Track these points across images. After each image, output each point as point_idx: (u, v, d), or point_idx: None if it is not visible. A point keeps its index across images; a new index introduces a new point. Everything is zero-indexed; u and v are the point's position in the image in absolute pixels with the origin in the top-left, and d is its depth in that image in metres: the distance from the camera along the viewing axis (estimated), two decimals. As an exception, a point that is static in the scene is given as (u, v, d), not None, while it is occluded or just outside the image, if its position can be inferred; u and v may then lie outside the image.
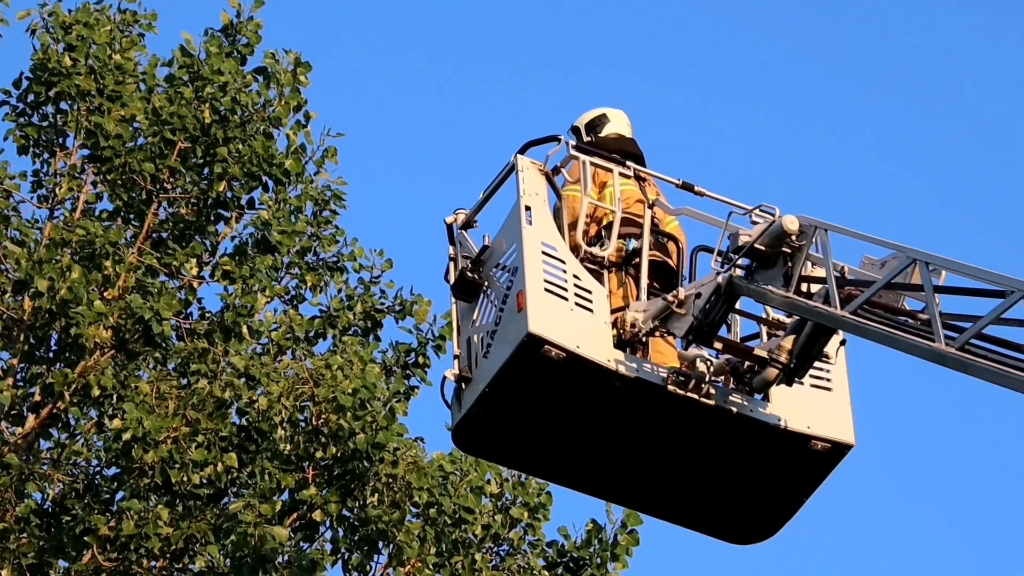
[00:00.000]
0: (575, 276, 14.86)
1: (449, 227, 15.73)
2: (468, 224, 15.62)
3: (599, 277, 15.14)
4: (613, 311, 14.98)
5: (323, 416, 20.48)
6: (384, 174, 42.31)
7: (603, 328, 14.80)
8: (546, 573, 21.21)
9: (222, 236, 22.06)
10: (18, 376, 20.81)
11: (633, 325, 14.95)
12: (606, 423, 15.06)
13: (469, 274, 15.28)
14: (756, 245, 14.66)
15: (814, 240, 14.55)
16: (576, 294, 14.81)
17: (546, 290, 14.65)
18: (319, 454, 20.55)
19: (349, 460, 20.47)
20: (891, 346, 13.84)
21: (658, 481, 15.46)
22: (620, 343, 14.86)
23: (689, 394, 14.80)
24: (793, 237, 14.55)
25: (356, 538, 20.83)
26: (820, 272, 14.59)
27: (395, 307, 22.14)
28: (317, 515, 20.60)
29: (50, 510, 20.43)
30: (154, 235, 21.76)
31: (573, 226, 15.30)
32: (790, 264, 14.58)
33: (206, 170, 21.73)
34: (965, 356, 13.21)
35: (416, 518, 20.76)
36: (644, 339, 15.00)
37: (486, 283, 15.22)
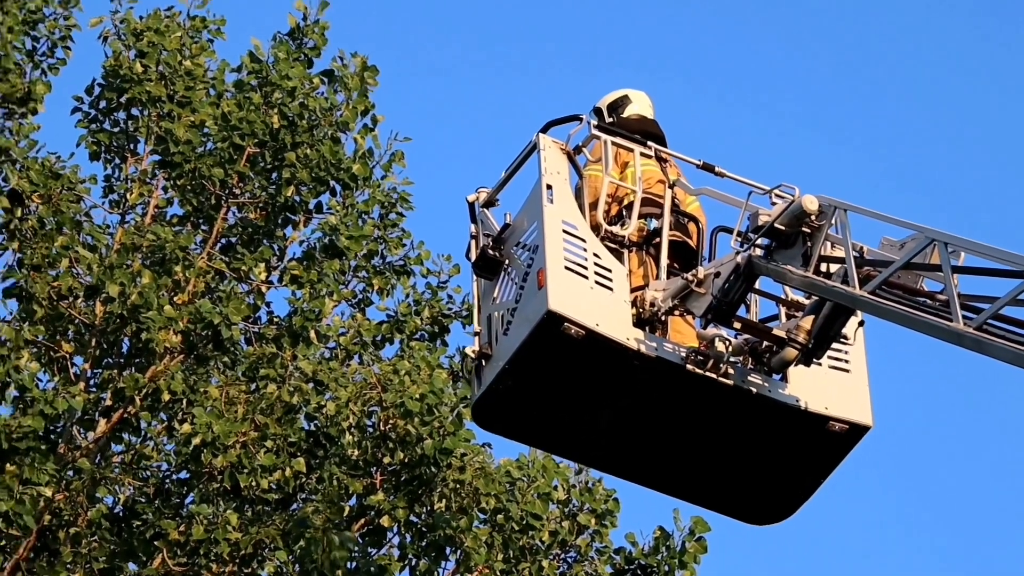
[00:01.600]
0: (595, 255, 14.72)
1: (471, 205, 15.53)
2: (490, 202, 15.39)
3: (619, 256, 14.94)
4: (633, 290, 14.87)
5: (391, 421, 20.35)
6: (452, 176, 42.32)
7: (623, 307, 14.65)
8: None
9: (290, 240, 21.97)
10: (90, 381, 20.76)
11: (652, 304, 14.79)
12: (625, 402, 14.94)
13: (490, 252, 15.10)
14: (776, 225, 14.48)
15: (833, 220, 14.37)
16: (596, 273, 14.65)
17: (566, 268, 14.49)
18: (387, 459, 20.43)
19: (417, 465, 20.33)
20: (909, 326, 13.63)
21: (676, 460, 15.30)
22: (639, 322, 14.69)
23: (708, 373, 14.66)
24: (812, 217, 14.34)
25: (423, 544, 20.71)
26: (839, 252, 14.30)
27: (462, 312, 21.87)
28: (385, 521, 20.40)
29: (121, 514, 20.41)
30: (223, 240, 21.74)
31: (594, 205, 15.08)
32: (809, 244, 14.40)
33: (274, 175, 21.73)
34: (983, 336, 13.00)
35: (483, 524, 20.64)
36: (663, 318, 14.86)
37: (507, 261, 15.05)
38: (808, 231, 14.37)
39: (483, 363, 14.85)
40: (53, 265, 20.61)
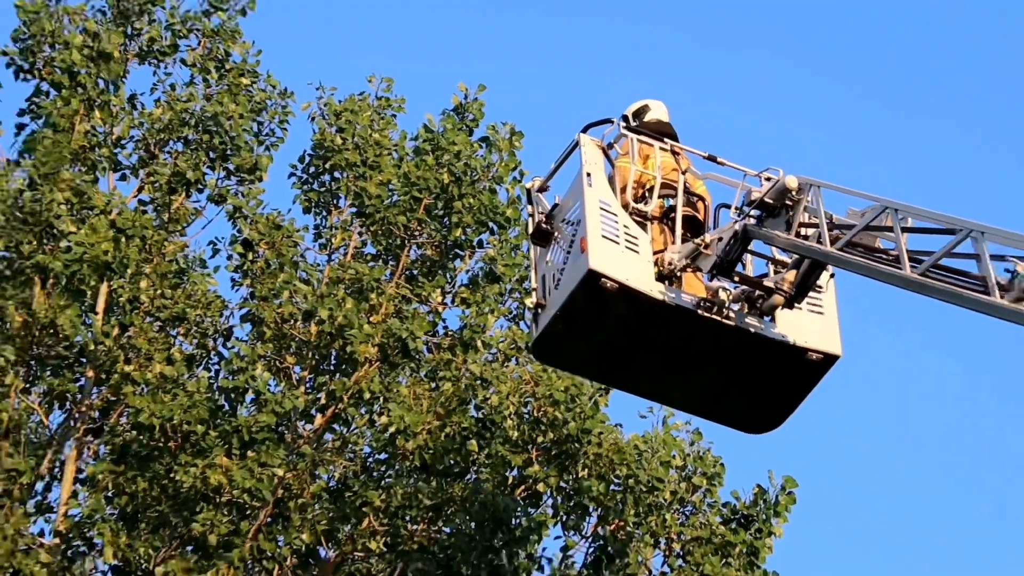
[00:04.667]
0: (625, 226, 15.02)
1: (528, 191, 15.91)
2: (542, 188, 15.74)
3: (644, 227, 15.25)
4: (655, 253, 15.16)
5: (542, 409, 20.59)
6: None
7: (647, 266, 14.95)
8: (722, 528, 20.95)
9: (459, 270, 22.17)
10: (308, 385, 20.98)
11: (670, 263, 15.11)
12: (650, 339, 15.10)
13: (544, 225, 15.38)
14: (765, 199, 14.81)
15: (809, 195, 14.67)
16: (626, 240, 14.97)
17: (603, 236, 14.79)
18: (540, 439, 20.66)
19: (563, 443, 20.53)
20: (869, 275, 13.96)
21: (690, 385, 15.48)
22: (660, 277, 14.99)
23: (713, 316, 14.92)
24: (793, 192, 14.64)
25: (571, 504, 20.82)
26: (814, 220, 14.61)
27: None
28: (540, 487, 20.65)
29: (335, 488, 20.72)
30: (407, 272, 21.95)
31: (624, 189, 15.46)
32: (791, 214, 14.68)
33: (445, 220, 21.88)
34: (926, 280, 13.30)
35: (618, 487, 20.72)
36: (679, 274, 15.17)
37: (556, 232, 15.29)
38: (790, 204, 14.70)
39: (539, 311, 15.25)
40: (277, 296, 20.90)
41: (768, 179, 14.96)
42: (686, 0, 52.35)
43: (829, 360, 15.14)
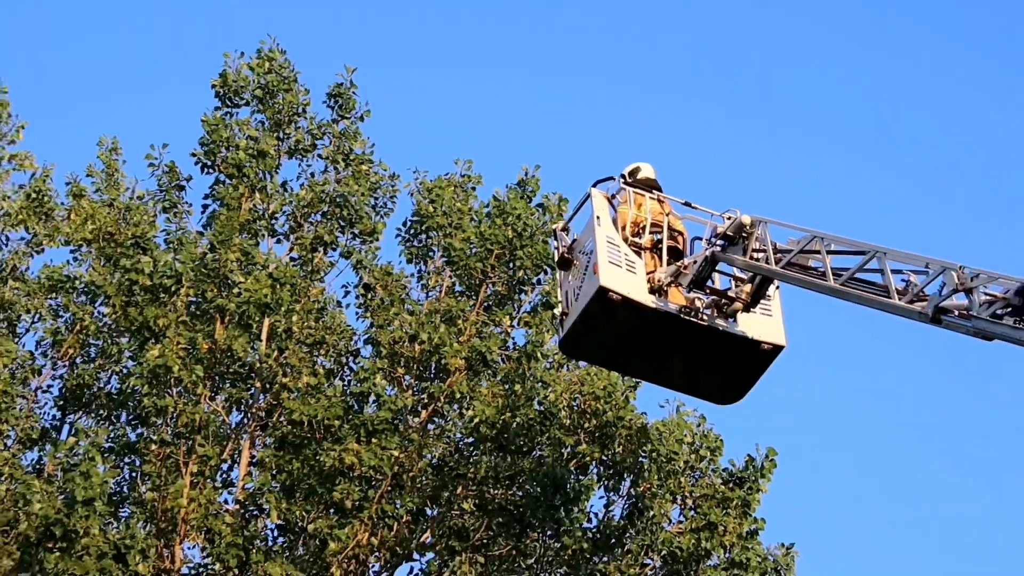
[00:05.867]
0: (626, 255, 15.69)
1: (554, 230, 16.79)
2: (564, 228, 16.61)
3: (639, 255, 15.90)
4: (647, 273, 15.79)
5: (587, 402, 21.43)
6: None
7: (642, 283, 15.60)
8: (723, 487, 21.48)
9: (523, 302, 22.65)
10: (414, 389, 21.51)
11: (659, 280, 15.78)
12: (645, 336, 15.79)
13: (566, 255, 16.19)
14: (727, 232, 15.61)
15: (759, 228, 15.43)
16: (627, 264, 15.61)
17: (610, 262, 15.48)
18: (586, 424, 21.46)
19: (604, 427, 21.41)
20: (805, 287, 14.88)
21: (675, 369, 16.31)
22: (652, 291, 15.70)
23: (691, 319, 15.66)
24: (747, 227, 15.42)
25: (611, 472, 21.66)
26: (764, 247, 15.42)
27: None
28: (587, 460, 21.50)
29: (437, 464, 21.39)
30: (485, 304, 22.45)
31: (624, 227, 16.09)
32: (746, 243, 15.45)
33: (511, 265, 22.44)
34: (845, 288, 14.24)
35: (644, 459, 21.57)
36: (665, 288, 15.78)
37: (575, 260, 16.02)
38: (745, 235, 15.48)
39: (564, 318, 16.03)
40: (390, 324, 21.58)
41: (729, 217, 15.66)
42: (670, 73, 54.05)
43: (777, 349, 15.97)
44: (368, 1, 54.38)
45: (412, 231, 23.02)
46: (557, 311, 16.47)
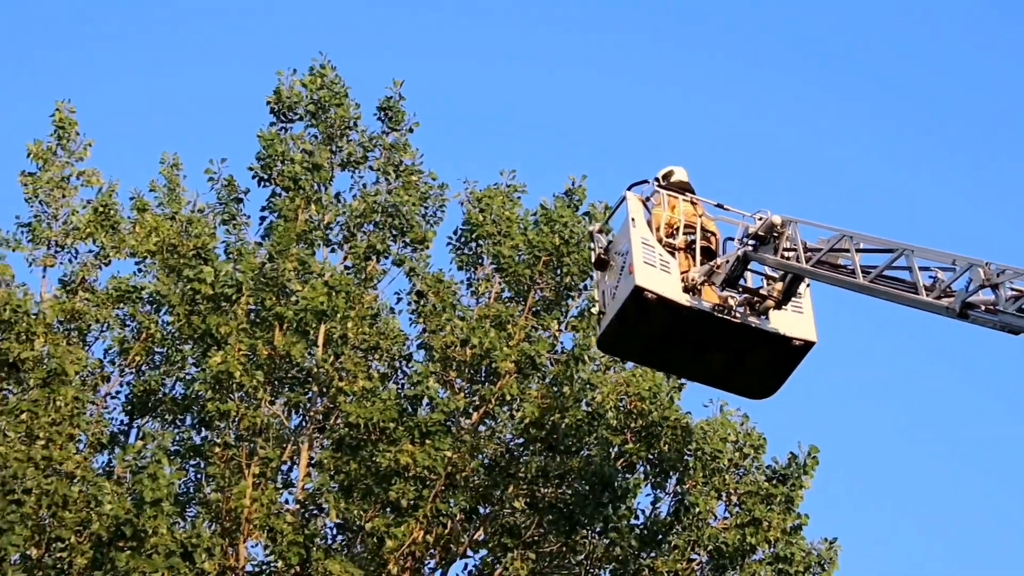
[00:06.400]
0: (660, 255, 15.90)
1: (591, 233, 17.14)
2: (601, 230, 16.99)
3: (673, 255, 16.11)
4: (682, 273, 16.03)
5: (633, 403, 21.63)
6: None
7: (676, 282, 15.82)
8: (766, 483, 21.75)
9: (570, 307, 22.84)
10: (466, 392, 21.80)
11: (692, 280, 15.97)
12: (679, 334, 16.03)
13: (603, 256, 16.42)
14: (758, 232, 15.81)
15: (790, 228, 15.64)
16: (661, 264, 15.83)
17: (644, 262, 15.70)
18: (632, 424, 21.66)
19: (649, 427, 21.61)
20: (834, 284, 15.02)
21: (708, 365, 16.57)
22: (686, 289, 15.93)
23: (724, 316, 15.85)
24: (778, 227, 15.60)
25: (657, 470, 21.89)
26: (794, 246, 15.60)
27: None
28: (634, 459, 21.75)
29: (488, 463, 21.66)
30: (533, 309, 22.71)
31: (658, 229, 16.32)
32: (777, 242, 15.63)
33: (559, 271, 22.64)
34: (874, 285, 14.45)
35: (689, 457, 21.75)
36: (699, 287, 15.98)
37: (611, 261, 16.22)
38: (776, 235, 15.65)
39: (601, 317, 16.33)
40: (442, 329, 21.82)
41: (760, 218, 15.83)
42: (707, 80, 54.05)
43: (808, 345, 16.13)
44: (413, 13, 54.73)
45: (462, 239, 23.28)
46: (594, 310, 17.26)
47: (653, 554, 21.31)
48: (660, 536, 21.44)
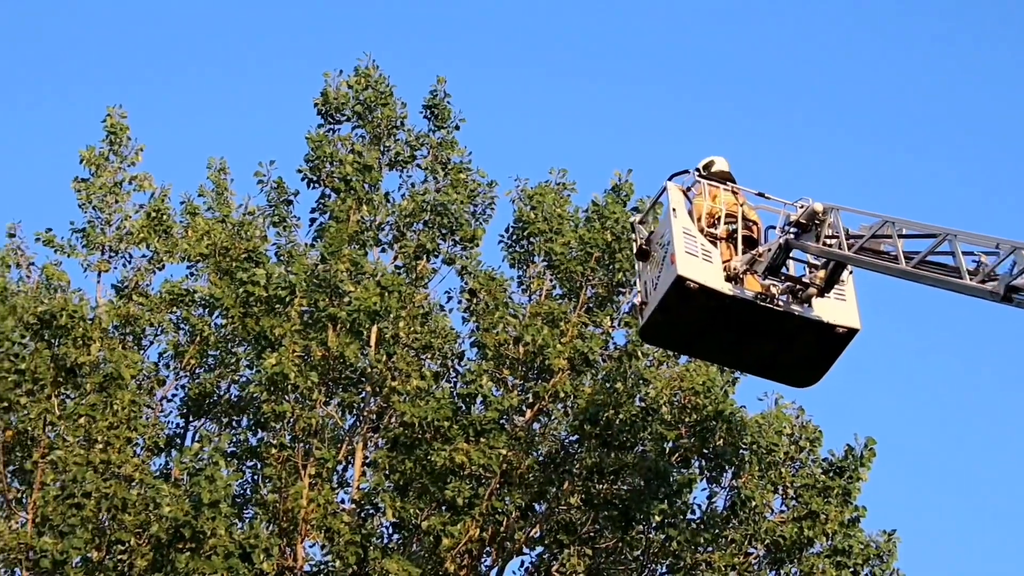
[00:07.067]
0: (702, 245, 16.09)
1: (632, 223, 17.38)
2: (642, 221, 17.23)
3: (715, 244, 16.29)
4: (723, 262, 16.19)
5: (687, 397, 21.64)
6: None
7: (718, 271, 15.97)
8: (823, 477, 21.71)
9: (622, 302, 22.83)
10: (519, 389, 21.86)
11: (735, 269, 16.15)
12: (722, 323, 16.19)
13: (644, 247, 16.69)
14: (800, 220, 15.96)
15: (831, 215, 15.73)
16: (703, 254, 16.01)
17: (686, 252, 15.88)
18: (687, 419, 21.69)
19: (703, 421, 21.59)
20: (877, 271, 15.08)
21: (751, 354, 16.75)
22: (728, 279, 16.07)
23: (767, 304, 16.01)
24: (820, 214, 15.69)
25: (712, 465, 21.97)
26: (836, 233, 15.71)
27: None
28: (688, 453, 21.80)
29: (543, 460, 21.86)
30: (586, 305, 22.67)
31: (699, 218, 16.47)
32: (819, 230, 15.75)
33: (610, 267, 22.67)
34: (917, 271, 14.52)
35: (745, 451, 21.82)
36: (741, 276, 16.15)
37: (653, 251, 16.48)
38: (818, 222, 15.77)
39: (643, 307, 16.49)
40: (495, 327, 21.90)
41: (802, 206, 15.94)
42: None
43: (852, 332, 16.20)
44: (455, 9, 54.80)
45: (514, 237, 23.35)
46: (636, 300, 16.88)
47: (710, 548, 21.33)
48: (717, 530, 21.51)
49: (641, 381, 21.84)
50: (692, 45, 57.03)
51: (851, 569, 21.13)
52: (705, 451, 21.80)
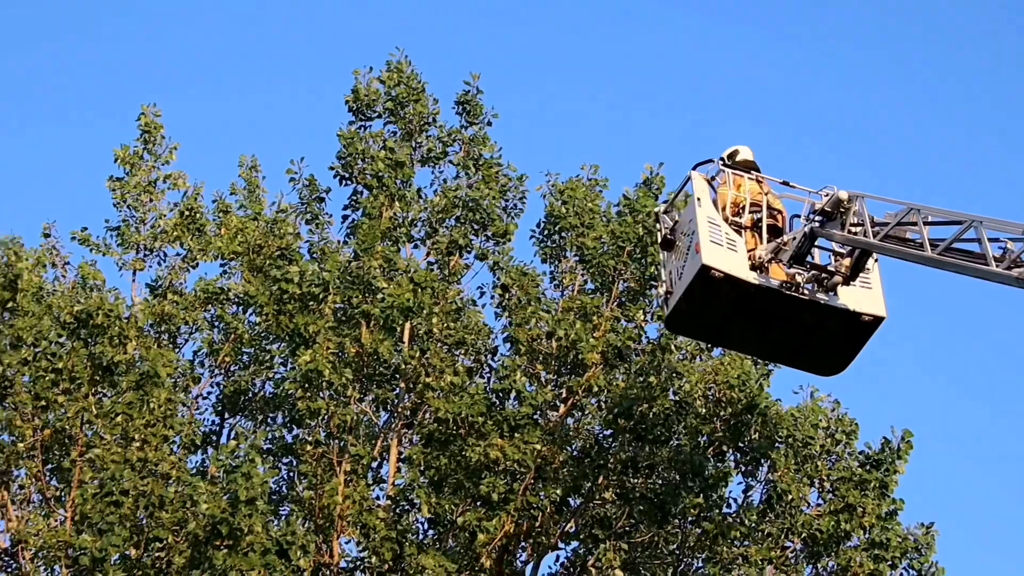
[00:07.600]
0: (727, 234, 16.12)
1: (656, 213, 17.35)
2: (667, 211, 17.15)
3: (739, 233, 16.32)
4: (748, 251, 16.24)
5: (721, 391, 21.65)
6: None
7: (743, 260, 16.02)
8: (860, 469, 21.59)
9: (655, 296, 22.70)
10: (553, 384, 21.90)
11: (759, 257, 16.18)
12: (747, 312, 16.23)
13: (669, 236, 16.75)
14: (825, 208, 16.00)
15: (856, 203, 15.75)
16: (727, 243, 16.04)
17: (711, 241, 15.91)
18: (721, 413, 21.69)
19: (738, 415, 21.63)
20: (903, 258, 15.08)
21: (777, 343, 16.75)
22: (752, 267, 16.10)
23: (792, 293, 16.01)
24: (845, 202, 15.72)
25: (747, 458, 21.92)
26: (861, 221, 15.71)
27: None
28: (724, 447, 21.80)
29: (577, 455, 21.65)
30: (618, 299, 22.67)
31: (724, 208, 16.50)
32: (844, 218, 15.78)
33: (642, 261, 22.73)
34: (943, 258, 14.50)
35: (780, 444, 21.77)
36: (766, 265, 16.19)
37: (678, 241, 16.53)
38: (843, 210, 15.77)
39: (668, 297, 16.52)
40: (527, 322, 21.87)
41: (826, 194, 15.97)
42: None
43: (877, 320, 16.16)
44: (487, 4, 55.02)
45: (545, 232, 23.38)
46: (661, 290, 16.90)
47: (746, 542, 21.32)
48: (753, 524, 21.48)
49: (675, 375, 21.83)
50: (722, 38, 57.49)
51: (889, 563, 21.12)
52: (740, 445, 21.76)
